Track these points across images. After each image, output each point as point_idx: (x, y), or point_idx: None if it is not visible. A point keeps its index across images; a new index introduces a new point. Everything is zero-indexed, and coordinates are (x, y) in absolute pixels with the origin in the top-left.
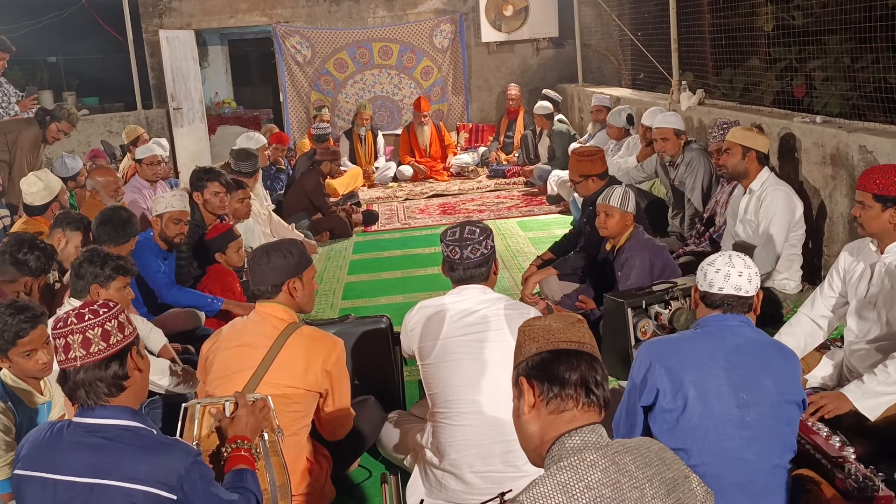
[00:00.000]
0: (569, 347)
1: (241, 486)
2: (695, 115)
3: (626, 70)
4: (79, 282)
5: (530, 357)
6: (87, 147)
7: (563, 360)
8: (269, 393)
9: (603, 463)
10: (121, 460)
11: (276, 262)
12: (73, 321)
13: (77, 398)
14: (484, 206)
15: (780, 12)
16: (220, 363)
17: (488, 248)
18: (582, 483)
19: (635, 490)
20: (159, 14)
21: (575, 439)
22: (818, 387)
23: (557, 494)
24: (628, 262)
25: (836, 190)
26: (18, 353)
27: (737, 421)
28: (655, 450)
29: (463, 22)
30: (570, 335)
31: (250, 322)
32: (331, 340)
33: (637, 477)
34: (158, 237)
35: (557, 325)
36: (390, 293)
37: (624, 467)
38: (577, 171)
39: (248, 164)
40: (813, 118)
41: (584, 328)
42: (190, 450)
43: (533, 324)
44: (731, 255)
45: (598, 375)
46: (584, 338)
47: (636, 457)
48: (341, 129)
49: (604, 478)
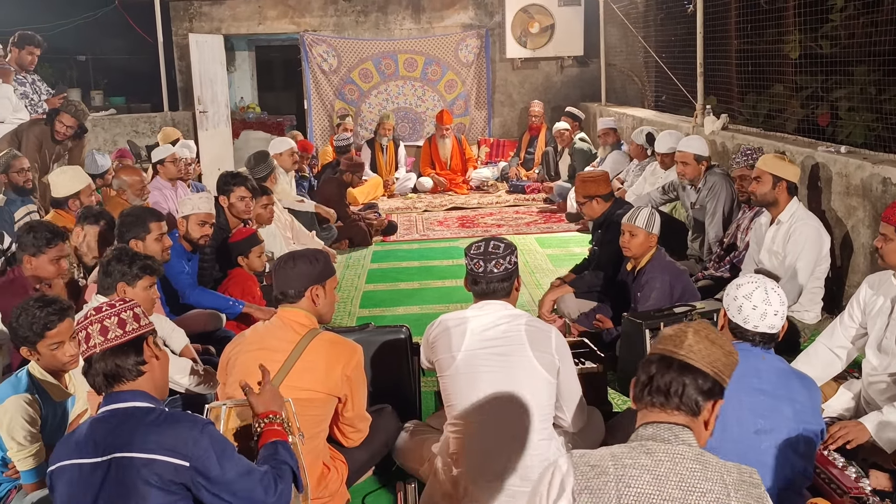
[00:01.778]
0: (663, 353)
1: (274, 460)
2: (718, 140)
3: (650, 91)
4: (106, 279)
5: (648, 355)
6: (113, 147)
7: (651, 364)
8: (289, 396)
9: (660, 455)
10: (133, 434)
11: (302, 268)
12: (92, 313)
13: (98, 385)
14: (503, 221)
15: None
16: (241, 366)
17: (512, 263)
18: (630, 460)
19: (678, 490)
20: (190, 18)
21: (649, 430)
22: (835, 417)
23: (606, 458)
24: (649, 283)
25: (859, 221)
26: (46, 345)
27: (753, 447)
28: (735, 479)
29: (489, 37)
30: (673, 343)
31: (272, 326)
32: (351, 346)
33: (689, 482)
34: (183, 238)
35: (669, 332)
36: (407, 303)
37: (680, 469)
38: (582, 192)
39: (260, 169)
40: (838, 148)
41: (696, 338)
42: (198, 419)
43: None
44: (766, 290)
45: (686, 382)
46: (683, 348)
47: (703, 469)
48: (363, 138)
49: (653, 465)
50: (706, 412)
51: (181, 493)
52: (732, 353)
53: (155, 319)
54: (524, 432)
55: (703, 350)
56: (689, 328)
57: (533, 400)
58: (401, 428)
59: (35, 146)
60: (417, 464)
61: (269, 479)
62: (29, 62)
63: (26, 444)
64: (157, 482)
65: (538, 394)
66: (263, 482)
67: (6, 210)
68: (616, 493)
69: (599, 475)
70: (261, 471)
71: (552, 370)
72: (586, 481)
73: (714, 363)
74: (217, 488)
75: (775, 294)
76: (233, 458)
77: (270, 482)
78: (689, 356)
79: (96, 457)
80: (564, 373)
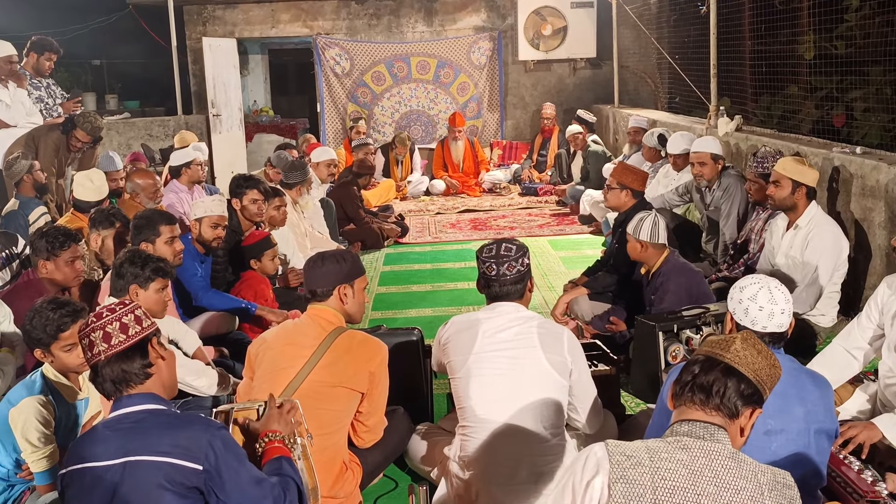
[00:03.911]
0: (709, 355)
1: (279, 474)
2: (732, 141)
3: (663, 93)
4: (119, 281)
5: (695, 354)
6: (127, 150)
7: (695, 364)
8: (313, 391)
9: (696, 451)
10: (147, 438)
11: (329, 267)
12: (93, 320)
13: (107, 391)
14: (515, 224)
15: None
16: (269, 360)
17: (524, 265)
18: (666, 454)
19: (712, 485)
20: (203, 22)
21: (685, 427)
22: (850, 420)
23: (642, 451)
24: (663, 286)
25: (875, 222)
26: (60, 347)
27: (763, 447)
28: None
29: (501, 39)
30: (720, 347)
31: (301, 323)
32: (376, 344)
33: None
34: (196, 241)
35: (716, 338)
36: (420, 306)
37: (715, 466)
38: (619, 178)
39: (294, 175)
40: (853, 149)
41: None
42: (212, 422)
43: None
44: (770, 290)
45: (728, 384)
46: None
47: (737, 467)
48: (377, 141)
49: (689, 459)
50: (744, 418)
51: (194, 497)
52: (776, 367)
53: (167, 321)
54: (535, 434)
55: (748, 357)
56: (737, 336)
57: (544, 402)
58: (413, 430)
59: (53, 150)
60: (429, 466)
61: (279, 490)
62: (46, 68)
63: (40, 445)
64: (170, 486)
65: (549, 396)
66: (274, 492)
67: (20, 214)
68: (651, 485)
69: (635, 466)
70: (271, 481)
71: (564, 372)
72: (622, 471)
73: (758, 372)
74: (228, 495)
75: (779, 293)
76: (245, 465)
77: (280, 493)
78: (735, 361)
79: (108, 460)
80: (577, 374)
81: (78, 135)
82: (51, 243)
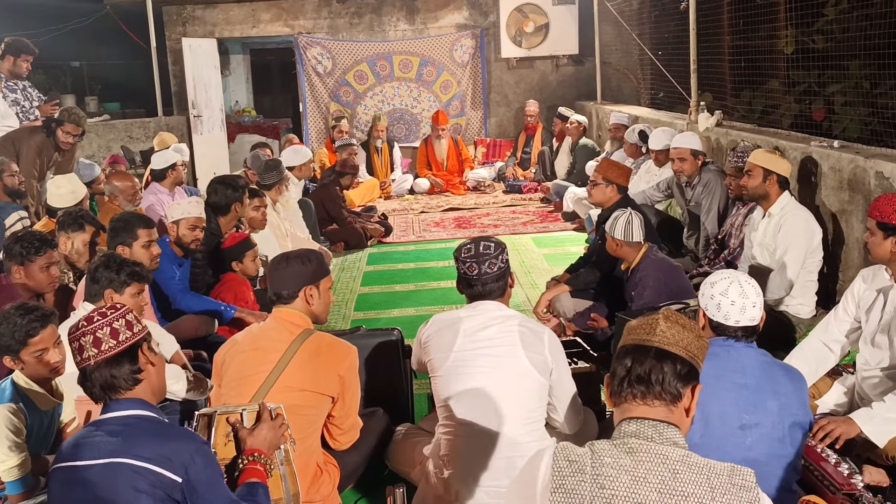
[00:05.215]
0: (637, 343)
1: (251, 499)
2: (712, 137)
3: (645, 89)
4: (94, 286)
5: (620, 345)
6: (107, 152)
7: (626, 357)
8: (283, 396)
9: (641, 455)
10: (131, 442)
11: (295, 268)
12: (84, 324)
13: (96, 395)
14: (499, 221)
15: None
16: (236, 367)
17: (504, 262)
18: (609, 458)
19: (655, 493)
20: (183, 22)
21: (632, 427)
22: (828, 412)
23: (586, 455)
24: (642, 281)
25: (853, 215)
26: (30, 353)
27: (738, 442)
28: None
29: (483, 37)
30: (645, 332)
31: (266, 327)
32: (345, 346)
33: (669, 485)
34: (174, 243)
35: (637, 323)
36: (403, 305)
37: (660, 470)
38: (603, 172)
39: (269, 176)
40: (831, 143)
41: (667, 324)
42: (195, 437)
43: (632, 323)
44: (741, 283)
45: (664, 369)
46: (657, 335)
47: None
48: (359, 140)
49: (632, 466)
50: (686, 398)
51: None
52: (702, 337)
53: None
54: (514, 434)
55: (676, 335)
56: (658, 315)
57: (524, 401)
58: (393, 431)
59: (35, 154)
60: (409, 467)
61: None
62: (23, 70)
63: (11, 454)
64: (148, 491)
65: (529, 395)
66: None
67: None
68: (590, 494)
69: (576, 473)
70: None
71: (545, 371)
72: (561, 479)
73: (688, 347)
74: None
75: (750, 286)
76: (222, 487)
77: None
78: (664, 342)
79: (92, 460)
80: (558, 373)
81: (67, 129)
82: (26, 248)
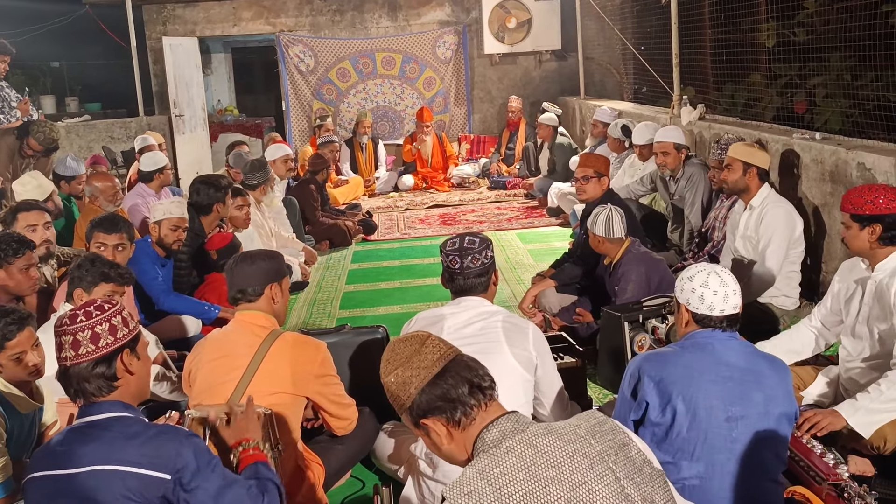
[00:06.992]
0: (439, 368)
1: (256, 478)
2: (695, 130)
3: (628, 84)
4: (70, 285)
5: (415, 399)
6: (88, 152)
7: (445, 382)
8: (256, 401)
9: (519, 448)
10: (113, 447)
11: (261, 265)
12: (67, 322)
13: (71, 395)
14: (484, 218)
15: (781, 28)
16: (204, 376)
17: (488, 258)
18: (498, 469)
19: (552, 469)
20: (163, 21)
21: (493, 432)
22: (813, 404)
23: (476, 480)
24: (625, 275)
25: (835, 207)
26: (7, 356)
27: (725, 435)
28: (587, 426)
29: (466, 33)
30: (428, 357)
31: (231, 332)
32: (314, 344)
33: (555, 455)
34: (156, 244)
35: (409, 356)
36: (388, 303)
37: (542, 448)
38: (592, 166)
39: (255, 176)
40: (812, 135)
41: (428, 341)
42: (181, 430)
43: (389, 374)
44: (718, 273)
45: (479, 370)
46: (439, 349)
47: (558, 437)
48: (343, 138)
49: (518, 462)
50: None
51: None
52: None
53: None
54: None
55: (419, 362)
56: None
57: (509, 397)
58: (379, 429)
59: (8, 155)
60: (396, 465)
61: (255, 490)
62: (1, 70)
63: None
64: (134, 496)
65: (514, 391)
66: (251, 493)
67: None
68: None
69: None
70: (247, 483)
71: (529, 367)
72: None
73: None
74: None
75: (727, 275)
76: (217, 470)
77: (257, 493)
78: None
79: (72, 468)
80: (543, 369)
81: (30, 143)
82: (3, 250)
